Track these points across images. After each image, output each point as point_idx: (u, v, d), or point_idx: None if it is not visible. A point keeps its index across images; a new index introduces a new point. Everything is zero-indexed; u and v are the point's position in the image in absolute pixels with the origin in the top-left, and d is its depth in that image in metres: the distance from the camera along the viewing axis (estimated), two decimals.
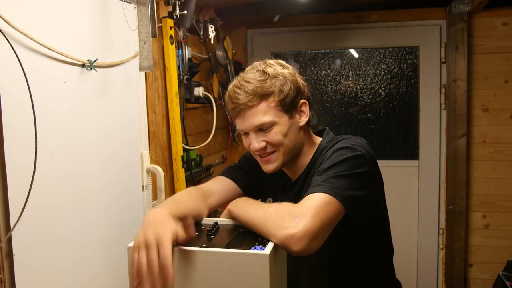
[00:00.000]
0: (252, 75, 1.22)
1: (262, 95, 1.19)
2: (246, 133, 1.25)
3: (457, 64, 2.61)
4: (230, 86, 1.25)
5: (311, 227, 0.98)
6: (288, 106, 1.22)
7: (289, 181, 1.34)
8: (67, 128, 1.24)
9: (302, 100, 1.26)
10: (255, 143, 1.22)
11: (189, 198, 1.22)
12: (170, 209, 1.07)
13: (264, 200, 1.37)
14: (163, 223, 0.99)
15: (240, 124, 1.24)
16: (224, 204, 1.31)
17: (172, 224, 0.99)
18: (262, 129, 1.21)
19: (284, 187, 1.34)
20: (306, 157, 1.29)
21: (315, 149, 1.29)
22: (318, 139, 1.32)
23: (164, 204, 1.13)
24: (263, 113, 1.20)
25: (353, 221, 1.08)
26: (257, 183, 1.39)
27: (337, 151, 1.16)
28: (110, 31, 1.43)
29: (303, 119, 1.26)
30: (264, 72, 1.22)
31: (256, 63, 1.27)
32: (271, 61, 1.27)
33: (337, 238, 1.09)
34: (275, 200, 1.34)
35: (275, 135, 1.21)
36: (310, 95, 1.31)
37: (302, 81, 1.28)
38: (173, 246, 0.96)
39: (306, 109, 1.27)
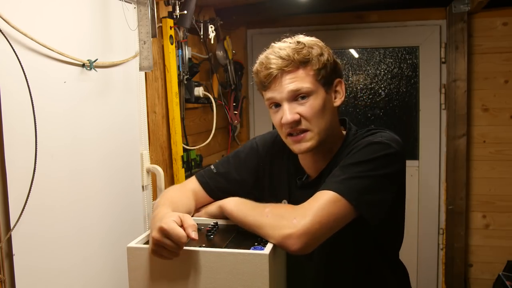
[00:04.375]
0: (285, 44, 1.14)
1: (300, 62, 1.10)
2: (277, 106, 1.13)
3: (457, 64, 2.61)
4: (261, 56, 1.16)
5: (309, 228, 0.98)
6: (325, 79, 1.12)
7: (309, 178, 1.22)
8: (67, 128, 1.24)
9: (338, 79, 1.17)
10: (288, 114, 1.10)
11: (181, 198, 1.21)
12: (171, 207, 1.10)
13: (279, 202, 1.25)
14: (164, 217, 1.00)
15: (272, 92, 1.12)
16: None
17: (174, 214, 1.01)
18: (297, 98, 1.10)
19: (304, 186, 1.20)
20: (332, 149, 1.18)
21: (342, 142, 1.19)
22: (343, 130, 1.23)
23: (163, 203, 1.14)
24: (301, 79, 1.10)
25: (371, 223, 1.04)
26: (264, 184, 1.29)
27: (370, 146, 1.08)
28: (110, 31, 1.43)
29: (338, 100, 1.17)
30: (298, 42, 1.13)
31: (285, 38, 1.18)
32: (302, 35, 1.18)
33: (353, 234, 1.09)
34: (291, 201, 1.20)
35: (311, 108, 1.10)
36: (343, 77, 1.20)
37: (337, 60, 1.18)
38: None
39: (341, 89, 1.17)
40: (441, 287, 2.80)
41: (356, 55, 2.94)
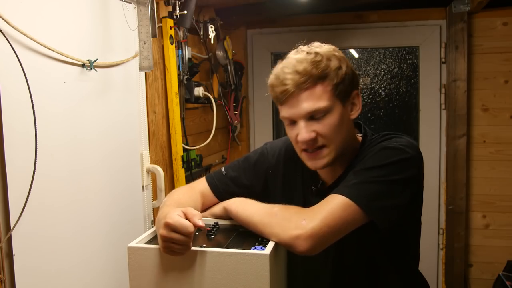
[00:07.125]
0: (302, 55, 1.08)
1: (318, 77, 1.05)
2: (293, 122, 1.10)
3: (457, 64, 2.61)
4: (277, 68, 1.11)
5: (318, 230, 0.98)
6: (343, 93, 1.09)
7: (325, 185, 1.20)
8: (67, 128, 1.24)
9: (355, 91, 1.13)
10: (304, 132, 1.07)
11: (188, 199, 1.21)
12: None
13: None
14: (168, 213, 1.00)
15: (287, 111, 1.09)
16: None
17: (177, 209, 1.02)
18: (313, 117, 1.07)
19: (319, 193, 1.17)
20: (348, 156, 1.15)
21: (358, 147, 1.16)
22: (359, 135, 1.20)
23: (170, 203, 1.13)
24: (318, 97, 1.05)
25: (381, 228, 1.03)
26: (277, 191, 1.27)
27: (383, 151, 1.08)
28: (110, 31, 1.43)
29: (355, 113, 1.14)
30: (316, 53, 1.08)
31: (301, 46, 1.14)
32: (318, 43, 1.13)
33: (366, 242, 1.10)
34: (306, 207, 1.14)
35: (328, 126, 1.07)
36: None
37: (354, 69, 1.14)
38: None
39: (358, 101, 1.14)
40: (441, 287, 2.80)
41: (356, 55, 2.94)
